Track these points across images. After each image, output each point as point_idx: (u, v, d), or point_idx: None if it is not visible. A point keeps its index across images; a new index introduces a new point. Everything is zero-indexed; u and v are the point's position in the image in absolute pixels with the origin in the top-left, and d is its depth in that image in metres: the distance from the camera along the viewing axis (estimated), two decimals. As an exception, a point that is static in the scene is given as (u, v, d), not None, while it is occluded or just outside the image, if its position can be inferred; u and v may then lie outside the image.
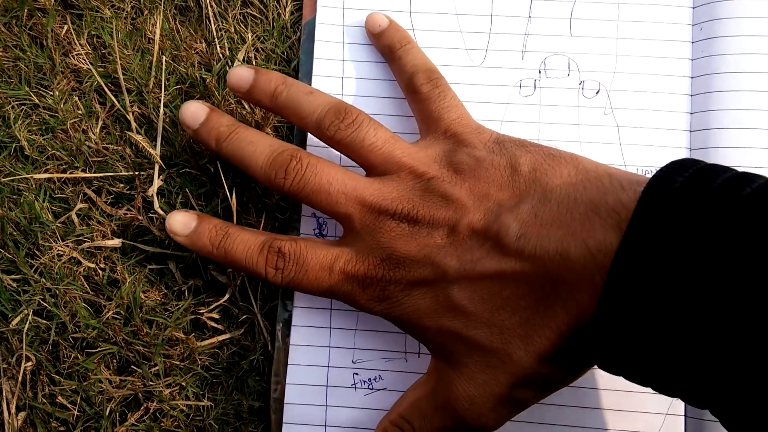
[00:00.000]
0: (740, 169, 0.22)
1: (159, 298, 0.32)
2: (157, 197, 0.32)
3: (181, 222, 0.30)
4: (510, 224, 0.25)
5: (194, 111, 0.30)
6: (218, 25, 0.34)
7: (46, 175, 0.32)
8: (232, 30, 0.34)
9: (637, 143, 0.33)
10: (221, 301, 0.32)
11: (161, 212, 0.32)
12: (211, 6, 0.34)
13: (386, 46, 0.33)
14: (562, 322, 0.24)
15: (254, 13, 0.34)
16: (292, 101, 0.30)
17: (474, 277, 0.26)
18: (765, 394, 0.19)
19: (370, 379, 0.31)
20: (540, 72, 0.34)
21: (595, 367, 0.31)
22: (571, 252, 0.23)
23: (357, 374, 0.31)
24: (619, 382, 0.31)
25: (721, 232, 0.20)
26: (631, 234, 0.21)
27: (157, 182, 0.32)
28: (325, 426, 0.31)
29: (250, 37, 0.34)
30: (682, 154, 0.32)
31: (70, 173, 0.32)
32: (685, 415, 0.31)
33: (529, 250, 0.24)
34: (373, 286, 0.28)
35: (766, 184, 0.21)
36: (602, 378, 0.31)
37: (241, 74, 0.30)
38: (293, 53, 0.34)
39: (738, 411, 0.20)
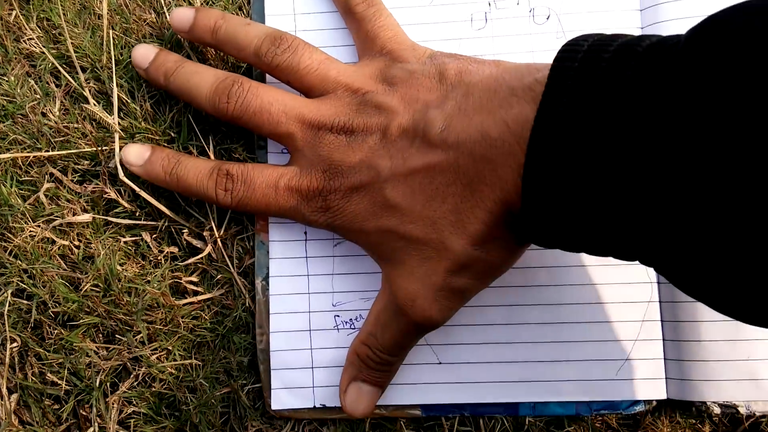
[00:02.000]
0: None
1: (137, 270, 0.32)
2: (122, 167, 0.32)
3: (135, 153, 0.31)
4: (435, 118, 0.27)
5: (144, 52, 0.32)
6: (165, -6, 0.34)
7: (10, 155, 0.32)
8: (188, 4, 0.34)
9: (592, 62, 0.33)
10: (199, 257, 0.32)
11: (128, 181, 0.32)
12: (156, -25, 0.34)
13: None
14: (490, 199, 0.25)
15: (200, -22, 0.34)
16: (231, 34, 0.31)
17: (405, 173, 0.27)
18: (681, 236, 0.20)
19: (351, 319, 0.32)
20: (489, 4, 0.34)
21: (573, 283, 0.31)
22: (491, 131, 0.24)
23: (338, 316, 0.32)
24: (595, 294, 0.31)
25: (630, 86, 0.21)
26: (546, 101, 0.22)
27: (118, 149, 0.32)
28: (312, 368, 0.31)
29: (198, 1, 0.34)
30: (638, 67, 0.33)
31: (34, 154, 0.33)
32: (662, 320, 0.31)
33: (452, 138, 0.26)
34: (316, 198, 0.29)
35: (656, 42, 0.22)
36: (579, 292, 0.31)
37: (182, 14, 0.32)
38: (243, 13, 0.34)
39: (662, 255, 0.21)
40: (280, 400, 0.32)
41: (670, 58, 0.20)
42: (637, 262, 0.23)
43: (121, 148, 0.33)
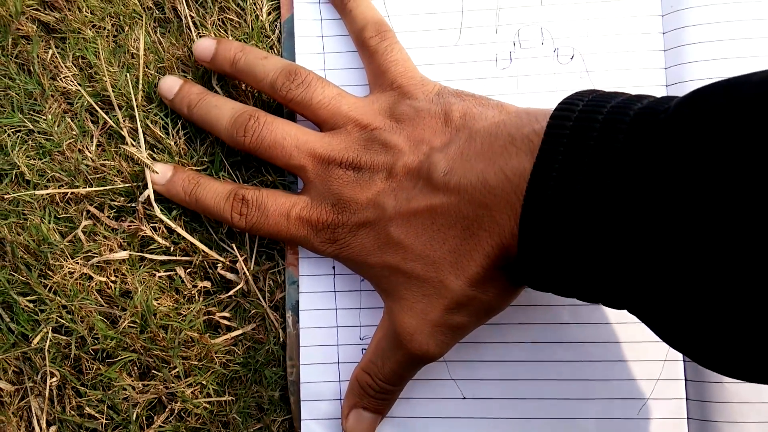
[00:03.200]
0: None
1: (171, 304, 0.33)
2: (157, 204, 0.33)
3: (158, 172, 0.33)
4: (438, 162, 0.28)
5: (170, 83, 0.34)
6: (198, 33, 0.35)
7: (48, 192, 0.33)
8: (213, 36, 0.35)
9: (616, 103, 0.34)
10: (231, 293, 0.33)
11: (164, 218, 0.33)
12: (190, 15, 0.35)
13: None
14: (487, 244, 0.26)
15: (232, 17, 0.35)
16: (249, 66, 0.32)
17: (408, 214, 0.28)
18: (661, 289, 0.21)
19: (379, 355, 0.33)
20: (514, 44, 0.34)
21: (596, 322, 0.32)
22: (490, 179, 0.26)
23: (365, 349, 0.33)
24: (618, 333, 0.32)
25: (617, 148, 0.22)
26: (542, 156, 0.24)
27: (151, 186, 0.33)
28: (341, 400, 0.33)
29: (230, 38, 0.35)
30: (661, 108, 0.33)
31: (71, 190, 0.33)
32: (684, 360, 0.32)
33: (454, 182, 0.27)
34: (325, 229, 0.31)
35: (646, 107, 0.23)
36: (602, 330, 0.32)
37: (204, 45, 0.33)
38: (274, 52, 0.35)
39: (646, 307, 0.23)
40: (310, 430, 0.33)
41: (655, 128, 0.22)
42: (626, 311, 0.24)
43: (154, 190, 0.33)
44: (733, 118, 0.20)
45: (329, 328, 0.33)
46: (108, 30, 0.35)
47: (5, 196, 0.34)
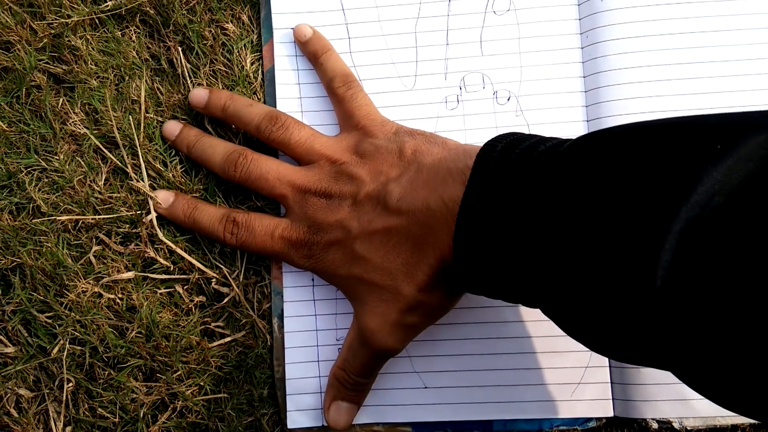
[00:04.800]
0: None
1: (171, 317, 0.38)
2: (160, 228, 0.38)
3: (162, 196, 0.39)
4: (393, 190, 0.34)
5: (171, 127, 0.40)
6: (192, 81, 0.41)
7: (62, 218, 0.38)
8: (205, 83, 0.41)
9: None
10: (223, 303, 0.38)
11: (166, 240, 0.38)
12: (185, 68, 0.41)
13: (311, 53, 0.41)
14: (431, 256, 0.32)
15: (221, 68, 0.41)
16: (237, 112, 0.39)
17: (369, 233, 0.34)
18: (560, 289, 0.26)
19: (353, 353, 0.38)
20: (461, 88, 0.41)
21: (535, 320, 0.38)
22: (432, 205, 0.32)
23: (340, 349, 0.38)
24: (552, 329, 0.38)
25: (523, 179, 0.28)
26: (470, 187, 0.30)
27: (153, 208, 0.38)
28: (321, 393, 0.38)
29: (220, 86, 0.41)
30: (583, 140, 0.40)
31: (82, 218, 0.39)
32: (610, 366, 0.38)
33: (405, 207, 0.33)
34: (302, 247, 0.36)
35: (553, 146, 0.29)
36: (540, 327, 0.38)
37: (198, 94, 0.39)
38: (257, 97, 0.41)
39: (552, 304, 0.28)
40: (295, 420, 0.38)
41: (552, 164, 0.28)
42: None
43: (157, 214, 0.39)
44: (599, 159, 0.26)
45: (310, 331, 0.39)
46: (111, 80, 0.41)
47: (23, 226, 0.39)
